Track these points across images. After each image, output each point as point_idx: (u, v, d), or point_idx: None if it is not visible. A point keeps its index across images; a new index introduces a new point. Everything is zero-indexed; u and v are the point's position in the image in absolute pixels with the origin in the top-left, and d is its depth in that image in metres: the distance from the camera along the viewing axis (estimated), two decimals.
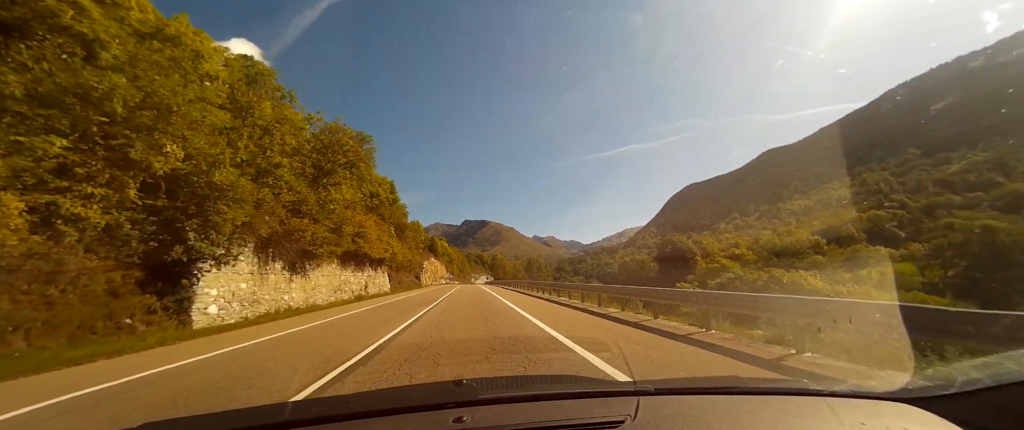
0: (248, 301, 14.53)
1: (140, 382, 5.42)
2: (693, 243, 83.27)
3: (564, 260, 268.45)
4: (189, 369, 6.12)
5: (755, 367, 5.01)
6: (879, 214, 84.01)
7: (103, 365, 6.77)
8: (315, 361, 6.12)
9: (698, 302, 8.58)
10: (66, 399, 4.72)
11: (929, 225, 71.25)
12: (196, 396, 4.55)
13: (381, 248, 31.56)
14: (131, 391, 4.98)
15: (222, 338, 9.65)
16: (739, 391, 1.49)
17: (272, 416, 1.39)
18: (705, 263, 70.13)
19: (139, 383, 5.37)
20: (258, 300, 15.18)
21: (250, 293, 14.76)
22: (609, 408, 1.32)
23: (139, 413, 4.06)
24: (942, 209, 76.34)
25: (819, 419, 1.20)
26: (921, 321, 4.06)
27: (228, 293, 13.40)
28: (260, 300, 15.28)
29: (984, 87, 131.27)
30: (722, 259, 66.87)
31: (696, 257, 74.13)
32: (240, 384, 4.99)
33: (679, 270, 65.73)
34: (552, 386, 1.66)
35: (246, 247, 14.42)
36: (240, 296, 14.11)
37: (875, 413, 1.22)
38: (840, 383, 1.48)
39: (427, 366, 5.37)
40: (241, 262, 14.04)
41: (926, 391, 1.28)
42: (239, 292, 14.11)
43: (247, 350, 7.93)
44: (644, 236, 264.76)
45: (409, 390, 2.21)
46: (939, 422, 1.16)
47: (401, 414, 1.36)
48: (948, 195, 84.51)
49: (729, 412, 1.27)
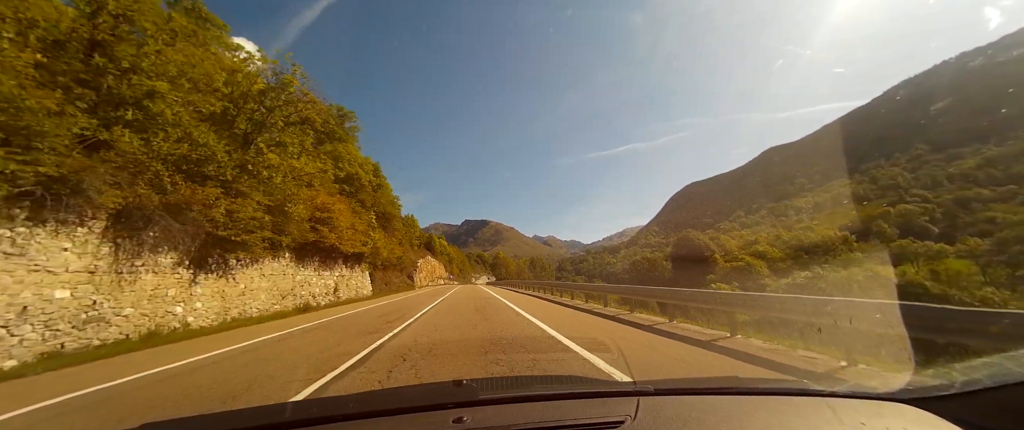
0: (76, 321, 8.11)
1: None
2: (710, 240, 76.32)
3: (565, 260, 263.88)
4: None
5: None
6: (909, 207, 78.12)
7: None
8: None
9: (751, 306, 6.80)
10: None
11: (965, 219, 65.72)
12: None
13: (357, 240, 25.08)
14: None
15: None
16: (739, 391, 1.46)
17: (272, 416, 1.38)
18: (725, 261, 64.07)
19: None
20: (103, 317, 8.75)
21: (83, 306, 8.34)
22: (609, 408, 1.30)
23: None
24: (975, 202, 70.96)
25: (820, 419, 1.19)
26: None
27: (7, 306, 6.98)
28: (107, 317, 8.83)
29: (986, 83, 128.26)
30: (745, 256, 60.78)
31: (714, 255, 67.46)
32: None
33: (696, 269, 59.03)
34: (552, 387, 1.63)
35: (66, 221, 7.99)
36: (54, 313, 7.70)
37: (876, 413, 1.22)
38: (841, 383, 1.48)
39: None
40: (47, 247, 7.64)
41: (926, 391, 1.28)
42: (54, 305, 7.70)
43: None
44: (646, 235, 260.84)
45: (409, 390, 2.02)
46: (939, 422, 1.14)
47: (401, 414, 1.34)
48: (976, 189, 79.21)
49: (729, 412, 1.25)
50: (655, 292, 10.74)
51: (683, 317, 9.64)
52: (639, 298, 11.67)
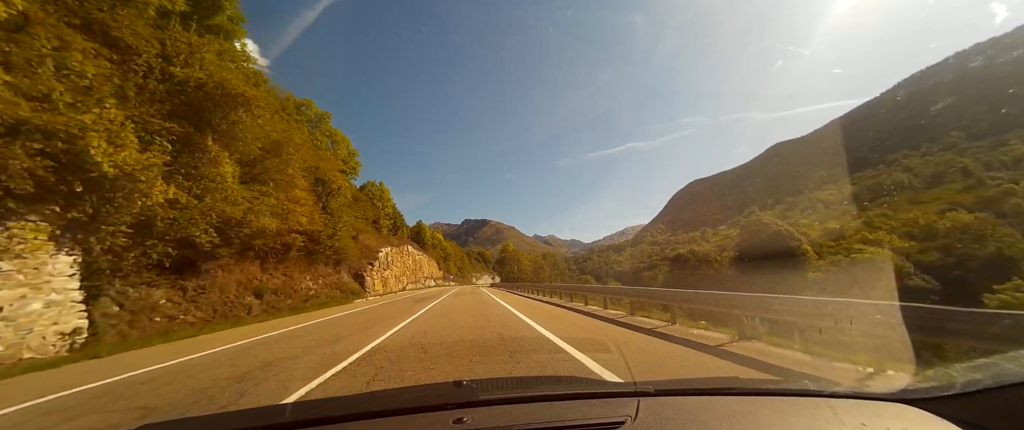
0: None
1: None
2: (790, 227, 60.02)
3: (568, 259, 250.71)
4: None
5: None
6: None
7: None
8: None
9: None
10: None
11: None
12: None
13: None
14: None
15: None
16: (739, 392, 1.44)
17: (272, 417, 1.36)
18: (818, 255, 50.08)
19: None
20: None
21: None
22: (609, 409, 1.28)
23: None
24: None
25: (820, 420, 1.16)
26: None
27: None
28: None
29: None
30: (860, 246, 46.68)
31: (803, 246, 51.91)
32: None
33: (774, 266, 45.33)
34: (552, 387, 1.60)
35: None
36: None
37: (876, 414, 1.19)
38: (841, 384, 1.46)
39: None
40: None
41: (927, 392, 1.26)
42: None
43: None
44: (653, 233, 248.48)
45: (409, 391, 1.90)
46: (940, 423, 1.12)
47: (401, 415, 1.32)
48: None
49: (729, 413, 1.22)
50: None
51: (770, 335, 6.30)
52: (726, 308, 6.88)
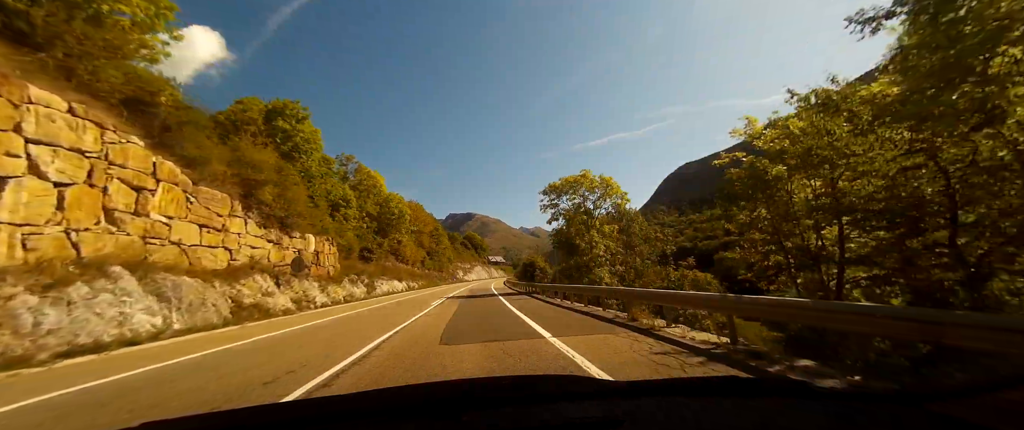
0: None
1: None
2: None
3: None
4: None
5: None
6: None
7: None
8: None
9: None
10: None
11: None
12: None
13: None
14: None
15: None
16: (740, 392, 1.42)
17: (272, 415, 1.35)
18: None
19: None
20: None
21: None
22: (608, 408, 1.24)
23: None
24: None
25: (818, 420, 1.14)
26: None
27: None
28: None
29: None
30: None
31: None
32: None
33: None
34: (550, 387, 1.56)
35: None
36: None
37: (875, 414, 1.17)
38: (839, 383, 1.47)
39: None
40: None
41: (926, 392, 1.26)
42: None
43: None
44: (657, 216, 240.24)
45: (409, 390, 1.72)
46: (940, 423, 1.11)
47: (401, 414, 1.30)
48: None
49: (730, 412, 1.21)
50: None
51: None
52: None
